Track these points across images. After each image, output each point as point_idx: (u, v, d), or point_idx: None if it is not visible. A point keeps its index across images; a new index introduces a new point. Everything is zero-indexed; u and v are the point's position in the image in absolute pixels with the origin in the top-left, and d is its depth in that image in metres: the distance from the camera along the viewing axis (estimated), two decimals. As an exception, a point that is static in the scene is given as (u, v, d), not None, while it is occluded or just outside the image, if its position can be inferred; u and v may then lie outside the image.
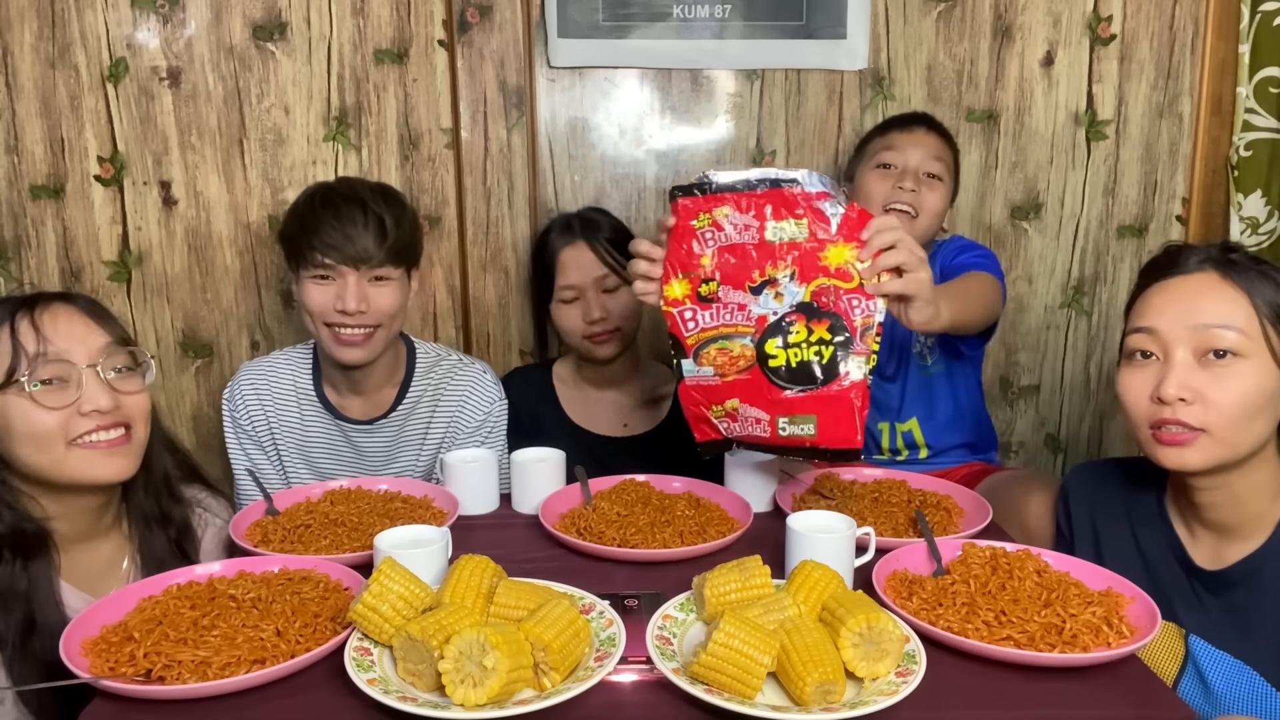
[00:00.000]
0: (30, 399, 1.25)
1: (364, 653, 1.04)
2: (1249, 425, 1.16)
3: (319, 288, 1.70)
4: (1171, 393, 1.16)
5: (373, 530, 1.32)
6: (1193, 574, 1.27)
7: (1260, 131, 2.15)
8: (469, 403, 1.86)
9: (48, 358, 1.26)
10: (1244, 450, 1.18)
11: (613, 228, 1.93)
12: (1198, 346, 1.17)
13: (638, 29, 2.10)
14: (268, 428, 1.83)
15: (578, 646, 1.02)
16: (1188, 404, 1.16)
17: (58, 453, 1.26)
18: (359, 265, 1.68)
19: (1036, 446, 2.38)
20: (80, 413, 1.27)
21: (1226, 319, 1.16)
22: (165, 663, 1.00)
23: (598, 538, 1.37)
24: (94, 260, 2.13)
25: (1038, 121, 2.20)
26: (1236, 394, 1.15)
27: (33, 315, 1.27)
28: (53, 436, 1.26)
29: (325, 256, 1.67)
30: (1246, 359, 1.16)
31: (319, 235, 1.67)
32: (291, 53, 2.08)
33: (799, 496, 1.56)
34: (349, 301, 1.67)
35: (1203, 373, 1.17)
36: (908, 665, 1.02)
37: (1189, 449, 1.18)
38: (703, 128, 2.19)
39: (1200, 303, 1.18)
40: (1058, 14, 2.16)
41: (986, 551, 1.25)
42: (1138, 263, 2.28)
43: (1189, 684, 1.20)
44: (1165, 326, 1.20)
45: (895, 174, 1.86)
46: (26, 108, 2.05)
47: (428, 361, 1.88)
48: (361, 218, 1.69)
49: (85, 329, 1.31)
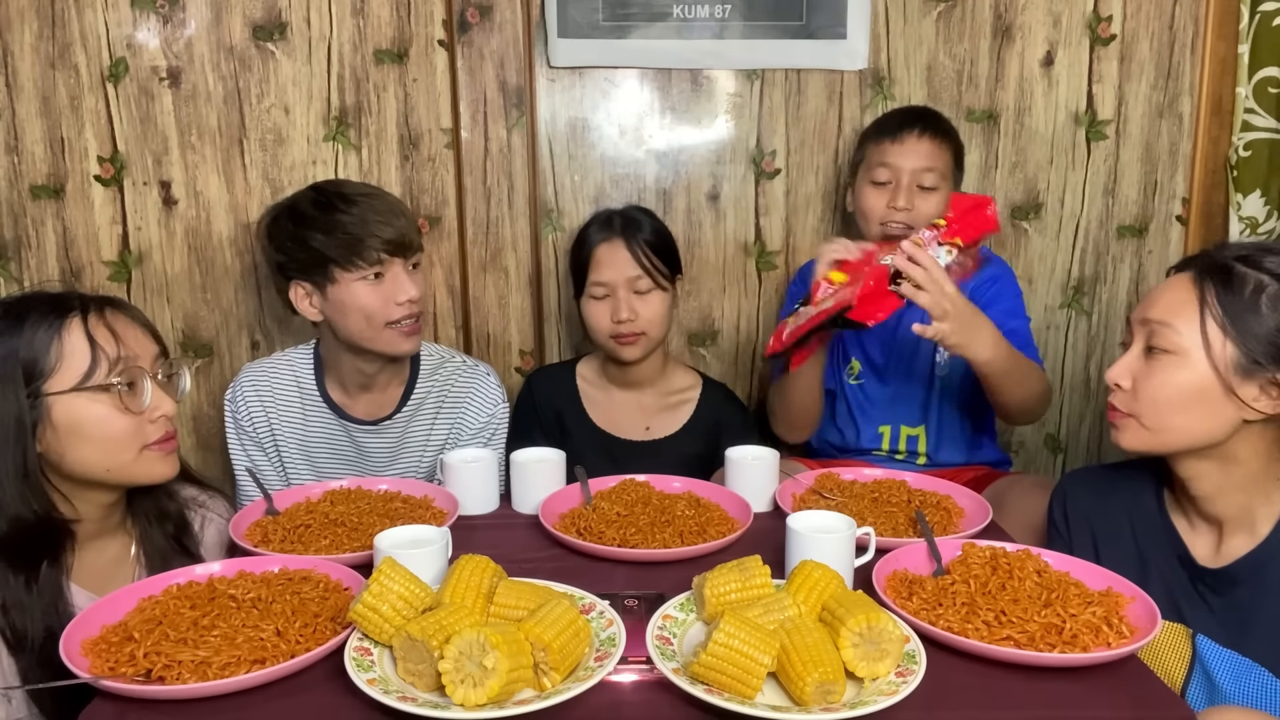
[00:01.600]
0: (114, 402, 1.26)
1: (364, 653, 1.04)
2: (1173, 417, 1.23)
3: (371, 288, 1.68)
4: (1110, 375, 1.29)
5: (373, 530, 1.32)
6: (1195, 573, 1.28)
7: (1259, 132, 2.15)
8: (473, 405, 1.86)
9: (126, 363, 1.28)
10: (1175, 441, 1.24)
11: (654, 230, 1.90)
12: (1145, 339, 1.26)
13: (638, 29, 2.10)
14: (269, 428, 1.83)
15: (578, 646, 1.02)
16: (1121, 389, 1.27)
17: (128, 456, 1.29)
18: (406, 253, 1.70)
19: (1036, 446, 2.38)
20: (150, 419, 1.30)
21: (1167, 317, 1.23)
22: (165, 663, 1.01)
23: (598, 538, 1.37)
24: (94, 260, 2.13)
25: (1038, 121, 2.20)
26: (1158, 385, 1.23)
27: (104, 317, 1.29)
28: (129, 440, 1.28)
29: (378, 250, 1.66)
30: (1176, 356, 1.21)
31: (368, 229, 1.65)
32: (291, 53, 2.08)
33: (799, 496, 1.56)
34: (410, 290, 1.69)
35: (1143, 363, 1.25)
36: (908, 665, 1.02)
37: (1119, 430, 1.29)
38: (703, 128, 2.19)
39: (1156, 298, 1.26)
40: (1058, 14, 2.16)
41: (986, 551, 1.25)
42: (1138, 262, 2.28)
43: (1197, 685, 1.20)
44: (1135, 316, 1.30)
45: (889, 190, 1.86)
46: (26, 108, 2.05)
47: (432, 363, 1.88)
48: (384, 208, 1.70)
49: (144, 335, 1.34)
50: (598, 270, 1.87)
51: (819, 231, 2.24)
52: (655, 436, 1.95)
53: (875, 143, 1.91)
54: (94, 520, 1.33)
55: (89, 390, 1.25)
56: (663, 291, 1.87)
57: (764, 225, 2.23)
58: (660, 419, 1.96)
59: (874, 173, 1.88)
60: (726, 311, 2.28)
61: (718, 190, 2.22)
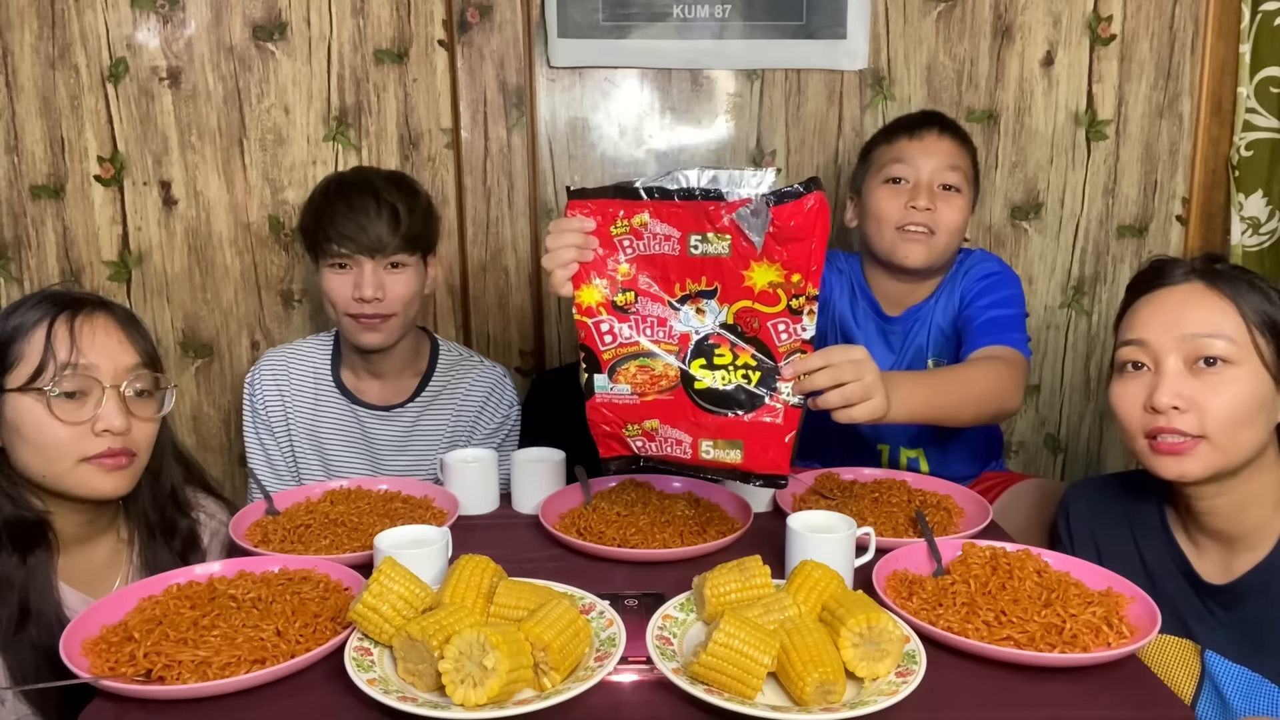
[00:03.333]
0: (47, 408, 1.23)
1: (364, 653, 1.04)
2: (1243, 431, 1.17)
3: (338, 277, 1.74)
4: (1165, 400, 1.17)
5: (373, 530, 1.32)
6: (1201, 589, 1.25)
7: (1261, 131, 2.15)
8: (489, 404, 1.89)
9: (76, 370, 1.24)
10: (1240, 457, 1.18)
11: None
12: (1188, 355, 1.18)
13: (637, 29, 2.10)
14: (283, 413, 1.85)
15: (578, 646, 1.02)
16: (1182, 412, 1.17)
17: (63, 466, 1.25)
18: (374, 254, 1.72)
19: (1036, 446, 2.38)
20: (94, 431, 1.25)
21: (1215, 327, 1.17)
22: (165, 663, 1.00)
23: (598, 538, 1.37)
24: (94, 260, 2.13)
25: (1038, 121, 2.20)
26: (1230, 399, 1.16)
27: (72, 322, 1.26)
28: (62, 451, 1.24)
29: (341, 246, 1.71)
30: (1237, 365, 1.16)
31: (334, 225, 1.72)
32: (291, 53, 2.08)
33: (799, 496, 1.55)
34: (365, 289, 1.71)
35: (1195, 380, 1.17)
36: (908, 665, 1.01)
37: (1187, 457, 1.17)
38: (703, 128, 2.19)
39: (1188, 312, 1.19)
40: (1058, 14, 2.16)
41: (986, 551, 1.25)
42: (1138, 262, 2.28)
43: (1207, 701, 1.18)
44: (1154, 336, 1.20)
45: (907, 190, 1.70)
46: (26, 108, 2.05)
47: (450, 359, 1.92)
48: (375, 206, 1.72)
49: (119, 345, 1.29)
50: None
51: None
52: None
53: (888, 142, 1.77)
54: (72, 523, 1.31)
55: (31, 392, 1.23)
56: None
57: (764, 225, 2.23)
58: None
59: (889, 170, 1.72)
60: (726, 311, 2.28)
61: (718, 190, 2.21)
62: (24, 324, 1.26)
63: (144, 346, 1.33)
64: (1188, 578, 1.27)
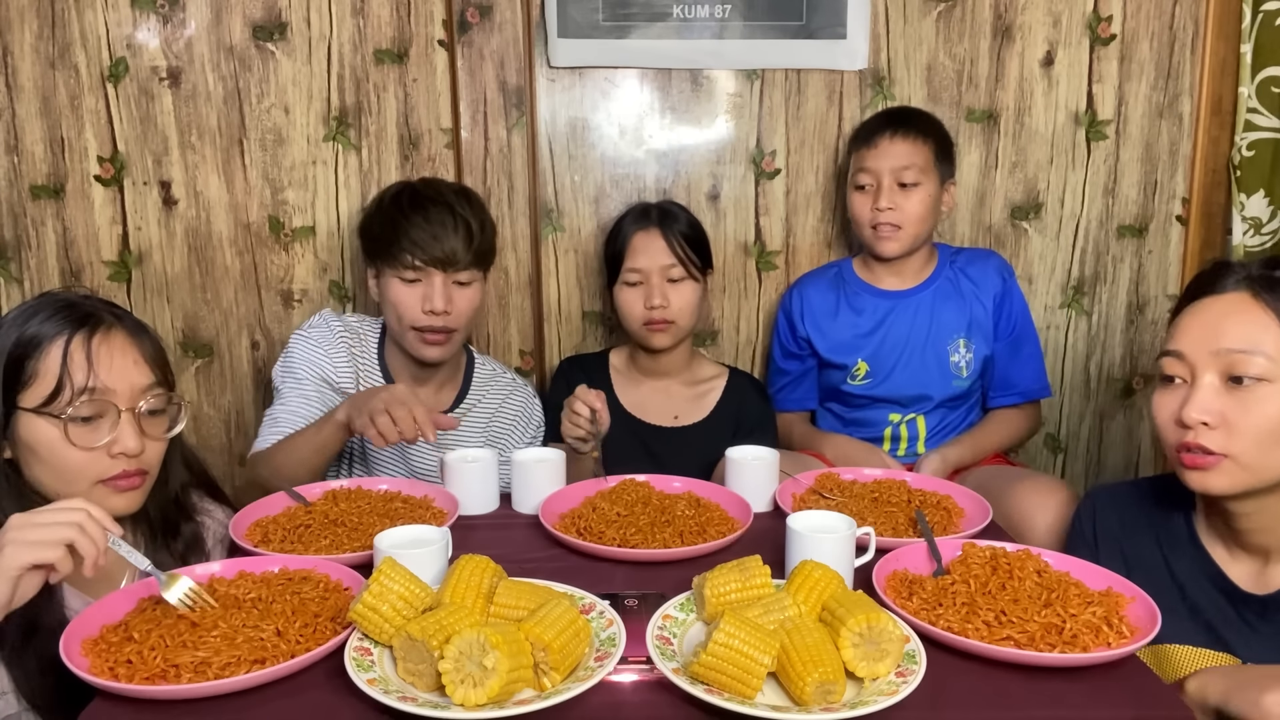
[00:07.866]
0: (63, 433, 1.22)
1: (364, 653, 1.04)
2: (1275, 451, 1.14)
3: (407, 288, 1.75)
4: (1193, 416, 1.15)
5: (373, 530, 1.32)
6: (1237, 599, 1.23)
7: (1263, 131, 2.15)
8: (520, 421, 1.95)
9: (93, 395, 1.23)
10: (1271, 476, 1.15)
11: (689, 223, 1.98)
12: (1223, 370, 1.16)
13: (637, 29, 2.10)
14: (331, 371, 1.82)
15: (578, 646, 1.02)
16: (1210, 428, 1.15)
17: (78, 488, 1.23)
18: (446, 267, 1.73)
19: (1036, 446, 2.37)
20: (109, 454, 1.24)
21: (1253, 343, 1.14)
22: (165, 663, 1.00)
23: (598, 538, 1.37)
24: (94, 260, 2.13)
25: (1038, 121, 2.20)
26: (1260, 419, 1.13)
27: (89, 343, 1.24)
28: (77, 474, 1.24)
29: (415, 257, 1.72)
30: (1272, 384, 1.13)
31: (410, 236, 1.72)
32: (291, 53, 2.08)
33: (799, 496, 1.56)
34: (436, 302, 1.72)
35: (1228, 397, 1.15)
36: (908, 665, 1.01)
37: (1211, 473, 1.16)
38: (703, 128, 2.19)
39: (1226, 326, 1.16)
40: (1058, 14, 2.16)
41: (986, 551, 1.25)
42: (1138, 262, 2.28)
43: None
44: (1190, 349, 1.18)
45: (871, 193, 1.95)
46: (26, 108, 2.05)
47: (485, 373, 1.96)
48: (450, 220, 1.74)
49: (134, 366, 1.27)
50: (633, 257, 1.94)
51: (819, 231, 2.24)
52: (683, 424, 2.01)
53: (855, 151, 2.02)
54: None
55: (46, 415, 1.22)
56: (694, 282, 1.95)
57: (764, 225, 2.23)
58: (688, 407, 2.02)
59: (855, 178, 1.99)
60: (726, 311, 2.28)
61: (718, 190, 2.22)
62: (38, 339, 1.23)
63: (157, 360, 1.32)
64: (1222, 589, 1.24)
